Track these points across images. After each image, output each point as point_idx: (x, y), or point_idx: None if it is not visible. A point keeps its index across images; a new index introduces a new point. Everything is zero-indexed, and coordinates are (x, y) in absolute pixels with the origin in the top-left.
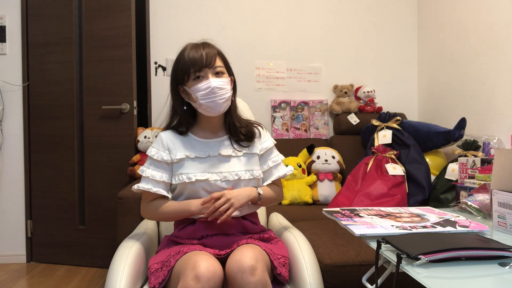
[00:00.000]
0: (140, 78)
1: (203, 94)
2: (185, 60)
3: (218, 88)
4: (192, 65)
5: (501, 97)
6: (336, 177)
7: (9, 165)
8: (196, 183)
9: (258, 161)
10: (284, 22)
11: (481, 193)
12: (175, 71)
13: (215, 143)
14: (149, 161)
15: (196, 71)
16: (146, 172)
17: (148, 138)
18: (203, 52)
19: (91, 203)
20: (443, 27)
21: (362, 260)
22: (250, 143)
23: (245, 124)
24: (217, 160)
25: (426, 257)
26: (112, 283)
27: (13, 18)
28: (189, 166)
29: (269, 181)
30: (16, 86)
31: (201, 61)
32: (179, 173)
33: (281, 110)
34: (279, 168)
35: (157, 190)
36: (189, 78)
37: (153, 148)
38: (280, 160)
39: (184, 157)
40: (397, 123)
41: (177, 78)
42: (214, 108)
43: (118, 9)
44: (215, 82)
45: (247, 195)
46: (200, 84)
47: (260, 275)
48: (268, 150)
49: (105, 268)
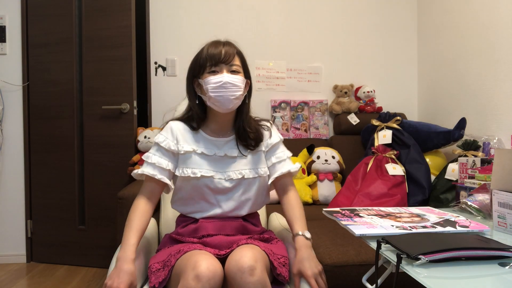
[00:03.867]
0: (140, 78)
1: (214, 87)
2: (203, 55)
3: (230, 84)
4: (210, 59)
5: (501, 97)
6: (336, 177)
7: (9, 165)
8: (201, 179)
9: (264, 158)
10: (284, 22)
11: (481, 193)
12: (193, 65)
13: (222, 142)
14: (156, 148)
15: (212, 65)
16: (152, 158)
17: (148, 138)
18: (223, 49)
19: (91, 203)
20: (443, 27)
21: (362, 260)
22: (256, 147)
23: (254, 129)
24: (223, 159)
25: (426, 257)
26: None
27: (13, 18)
28: (195, 161)
29: (273, 177)
30: (16, 86)
31: (218, 56)
32: (184, 166)
33: (281, 110)
34: (284, 164)
35: (161, 177)
36: (204, 71)
37: (161, 135)
38: (285, 157)
39: (191, 151)
40: (397, 123)
41: (193, 71)
42: (223, 103)
43: (118, 9)
44: (228, 77)
45: (311, 252)
46: (212, 77)
47: (259, 275)
48: (273, 147)
49: (105, 268)
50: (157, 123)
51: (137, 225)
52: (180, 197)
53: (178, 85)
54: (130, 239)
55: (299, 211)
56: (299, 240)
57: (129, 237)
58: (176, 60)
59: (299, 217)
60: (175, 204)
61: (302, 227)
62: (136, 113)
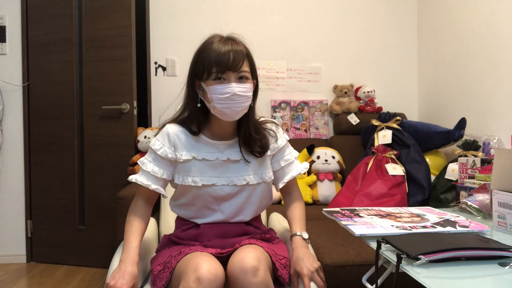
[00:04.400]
0: (140, 78)
1: (220, 98)
2: (209, 56)
3: (238, 96)
4: (216, 64)
5: (501, 97)
6: (336, 177)
7: (9, 165)
8: (202, 188)
9: (269, 163)
10: (284, 22)
11: (481, 193)
12: (196, 64)
13: (225, 145)
14: (152, 155)
15: (219, 72)
16: (147, 166)
17: (148, 138)
18: (231, 52)
19: (91, 203)
20: (443, 27)
21: (362, 260)
22: (261, 155)
23: (261, 134)
24: (225, 164)
25: (426, 257)
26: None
27: (13, 18)
28: (195, 169)
29: (283, 181)
30: (16, 86)
31: (226, 62)
32: (184, 174)
33: (281, 110)
34: (293, 166)
35: (156, 188)
36: (209, 77)
37: (158, 141)
38: (293, 158)
39: (190, 159)
40: (397, 123)
41: (196, 73)
42: (229, 115)
43: (118, 9)
44: (237, 88)
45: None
46: (220, 86)
47: (262, 276)
48: (280, 150)
49: (105, 268)
50: (157, 123)
51: (138, 228)
52: (181, 203)
53: (178, 85)
54: (132, 242)
55: (300, 212)
56: (296, 240)
57: (131, 239)
58: (176, 60)
59: (299, 219)
60: (176, 208)
61: (300, 228)
62: (136, 113)
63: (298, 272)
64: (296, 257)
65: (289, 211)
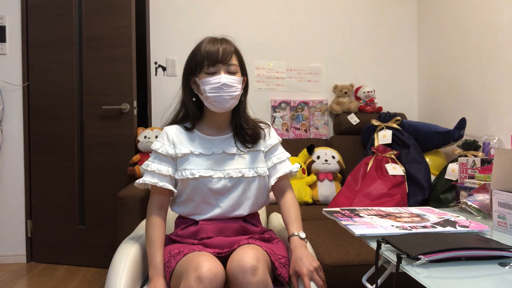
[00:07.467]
0: (140, 78)
1: (211, 88)
2: (201, 52)
3: (227, 86)
4: (207, 58)
5: (501, 97)
6: (336, 177)
7: (9, 165)
8: (199, 179)
9: (263, 158)
10: (284, 22)
11: (481, 193)
12: (190, 62)
13: (220, 140)
14: (154, 155)
15: (210, 65)
16: (151, 166)
17: (148, 138)
18: (220, 48)
19: (91, 203)
20: (443, 27)
21: (362, 260)
22: (254, 144)
23: (252, 126)
24: (221, 158)
25: (426, 257)
26: (112, 283)
27: (13, 18)
28: (193, 162)
29: (275, 177)
30: (16, 86)
31: (216, 55)
32: (182, 168)
33: (281, 110)
34: (284, 164)
35: (163, 184)
36: (201, 71)
37: (158, 142)
38: (285, 158)
39: (188, 152)
40: (397, 123)
41: (190, 69)
42: (220, 103)
43: (118, 9)
44: (225, 78)
45: (304, 251)
46: (210, 78)
47: (261, 275)
48: (273, 147)
49: (105, 268)
50: (157, 123)
51: (158, 242)
52: (180, 200)
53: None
54: (157, 257)
55: (295, 213)
56: (293, 240)
57: (156, 255)
58: (176, 60)
59: (295, 219)
60: (175, 207)
61: (297, 228)
62: (136, 113)
63: (298, 272)
64: (295, 257)
65: (285, 212)
